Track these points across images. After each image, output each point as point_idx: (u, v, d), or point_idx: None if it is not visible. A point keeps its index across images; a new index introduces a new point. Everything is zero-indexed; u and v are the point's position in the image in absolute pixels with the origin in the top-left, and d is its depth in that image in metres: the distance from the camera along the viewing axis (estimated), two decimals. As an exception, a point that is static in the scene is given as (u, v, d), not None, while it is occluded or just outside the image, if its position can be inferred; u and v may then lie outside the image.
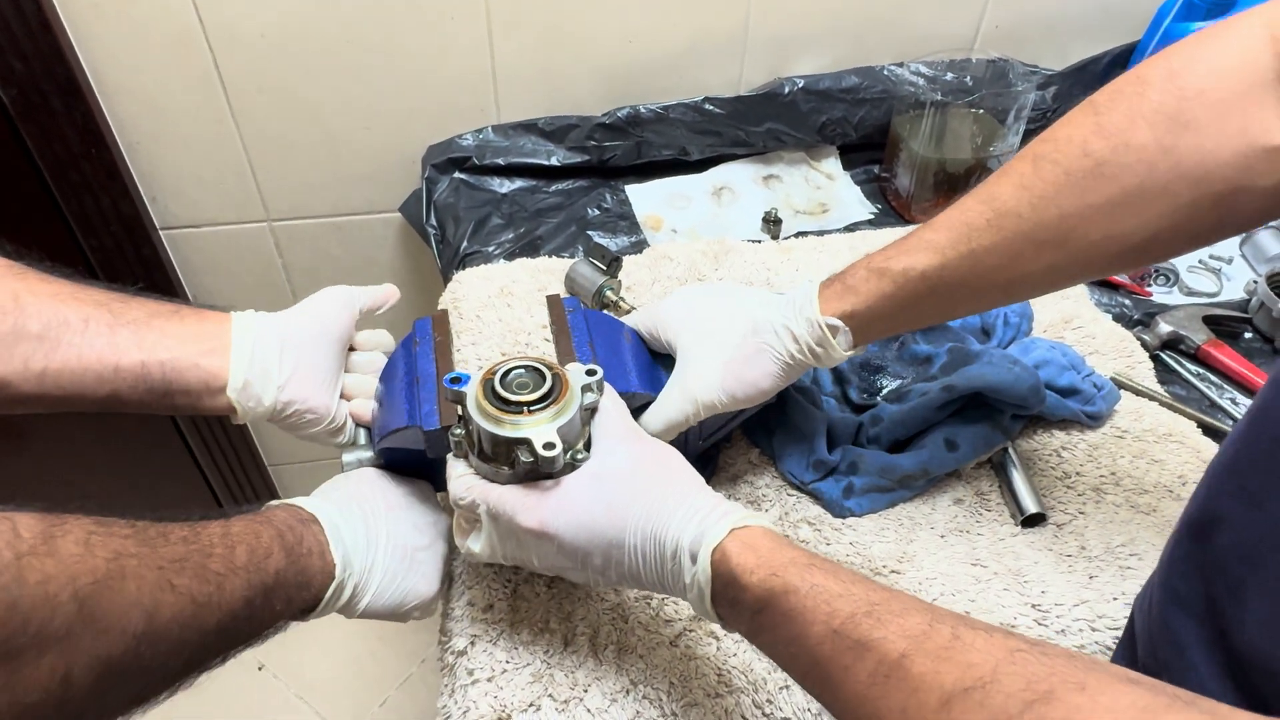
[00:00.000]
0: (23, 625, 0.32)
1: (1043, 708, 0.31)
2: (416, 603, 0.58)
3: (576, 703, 0.57)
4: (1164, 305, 0.89)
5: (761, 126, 1.01)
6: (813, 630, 0.39)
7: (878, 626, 0.38)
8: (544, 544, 0.49)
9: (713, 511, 0.46)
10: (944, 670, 0.34)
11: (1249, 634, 0.38)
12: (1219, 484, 0.43)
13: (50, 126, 0.92)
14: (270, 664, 1.68)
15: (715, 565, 0.44)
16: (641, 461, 0.50)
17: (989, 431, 0.69)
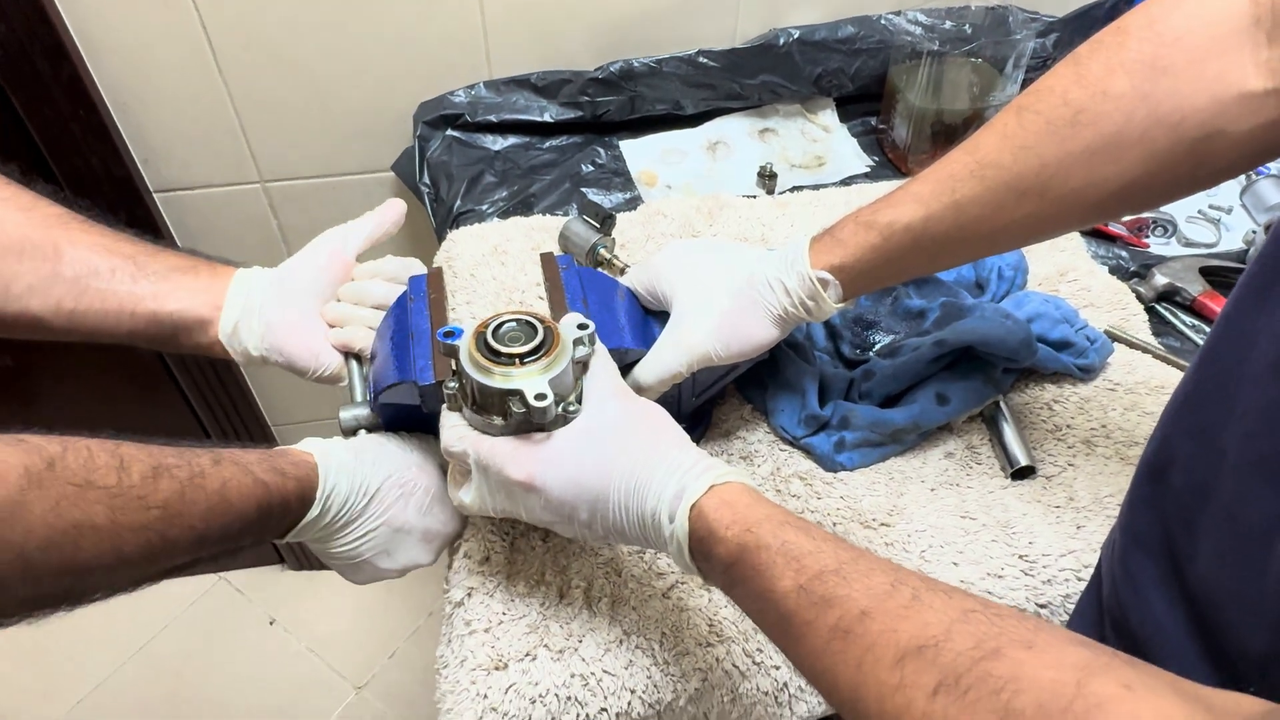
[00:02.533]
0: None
1: (989, 663, 0.32)
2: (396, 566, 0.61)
3: (571, 652, 0.58)
4: (1161, 257, 0.88)
5: (756, 79, 1.00)
6: (780, 585, 0.40)
7: (842, 584, 0.39)
8: (531, 497, 0.50)
9: (693, 468, 0.47)
10: (901, 628, 0.35)
11: (1200, 568, 0.39)
12: (1173, 424, 0.44)
13: (37, 89, 0.91)
14: (281, 618, 1.72)
15: (693, 521, 0.45)
16: (628, 419, 0.50)
17: (980, 385, 0.70)
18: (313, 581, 1.77)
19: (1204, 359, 0.43)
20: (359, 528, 0.58)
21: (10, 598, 0.38)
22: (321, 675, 1.63)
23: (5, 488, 0.36)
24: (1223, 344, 0.41)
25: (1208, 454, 0.40)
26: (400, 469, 0.60)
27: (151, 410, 1.36)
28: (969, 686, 0.32)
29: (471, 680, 0.57)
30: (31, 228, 0.58)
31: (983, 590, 0.61)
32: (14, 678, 1.61)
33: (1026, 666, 0.31)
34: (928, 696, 0.33)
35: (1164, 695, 0.29)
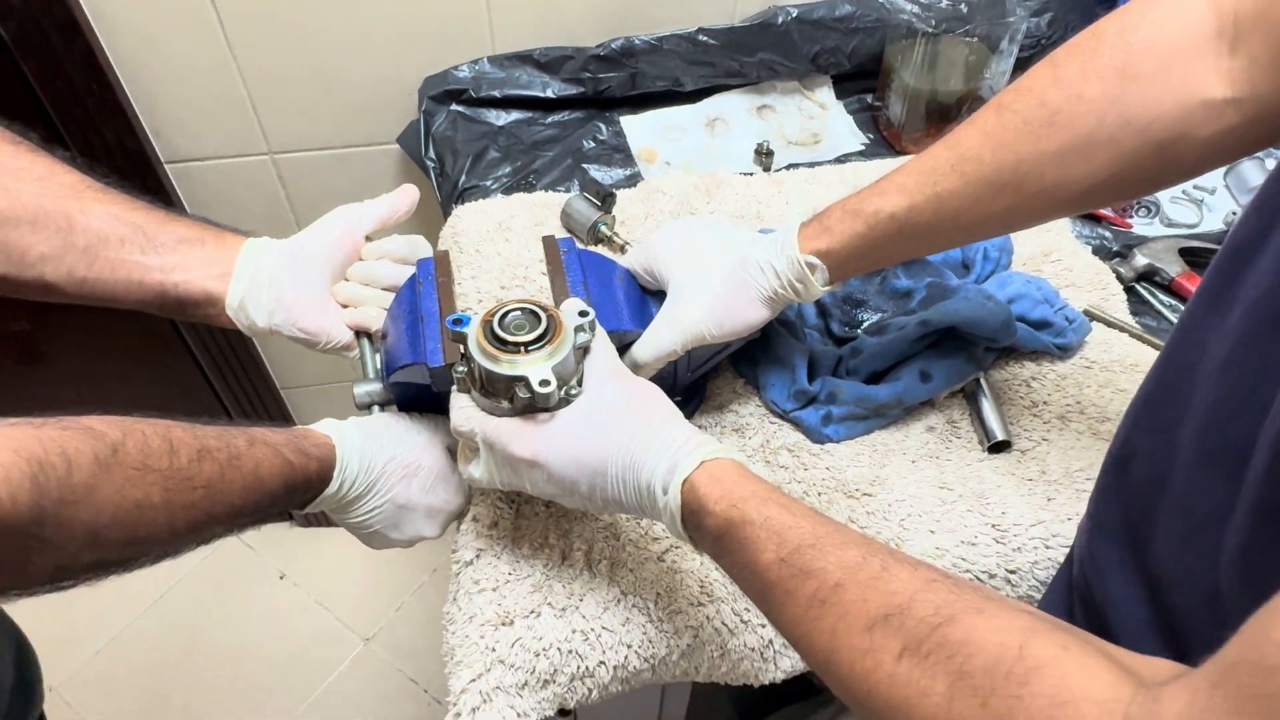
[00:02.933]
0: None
1: (946, 629, 0.36)
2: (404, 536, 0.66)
3: (573, 610, 0.62)
4: (1143, 237, 0.91)
5: (755, 57, 1.01)
6: (763, 558, 0.44)
7: (819, 557, 0.42)
8: (536, 472, 0.53)
9: (685, 444, 0.51)
10: (870, 598, 0.39)
11: (1158, 553, 0.43)
12: (1134, 421, 0.47)
13: (51, 63, 0.93)
14: (291, 573, 1.78)
15: (684, 494, 0.49)
16: (625, 398, 0.54)
17: (962, 363, 0.73)
18: (320, 538, 1.83)
19: (1164, 360, 0.46)
20: (367, 503, 0.62)
21: (78, 564, 0.42)
22: (330, 627, 1.70)
23: (80, 473, 0.40)
24: (1180, 346, 0.45)
25: (1164, 448, 0.43)
26: (405, 451, 0.64)
27: (163, 373, 1.39)
28: (929, 651, 0.36)
29: (480, 635, 0.61)
30: (46, 197, 0.60)
31: (956, 557, 0.66)
32: (36, 629, 1.66)
33: (978, 632, 0.35)
34: (894, 659, 0.37)
35: (1093, 657, 0.32)
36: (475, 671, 0.60)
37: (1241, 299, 0.39)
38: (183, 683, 1.62)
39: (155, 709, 1.59)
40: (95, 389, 1.42)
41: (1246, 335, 0.38)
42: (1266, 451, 0.34)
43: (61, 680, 1.61)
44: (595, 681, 0.62)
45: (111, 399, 1.44)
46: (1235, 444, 0.37)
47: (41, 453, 0.39)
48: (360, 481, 0.61)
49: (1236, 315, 0.39)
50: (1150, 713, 0.28)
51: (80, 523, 0.40)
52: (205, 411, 1.48)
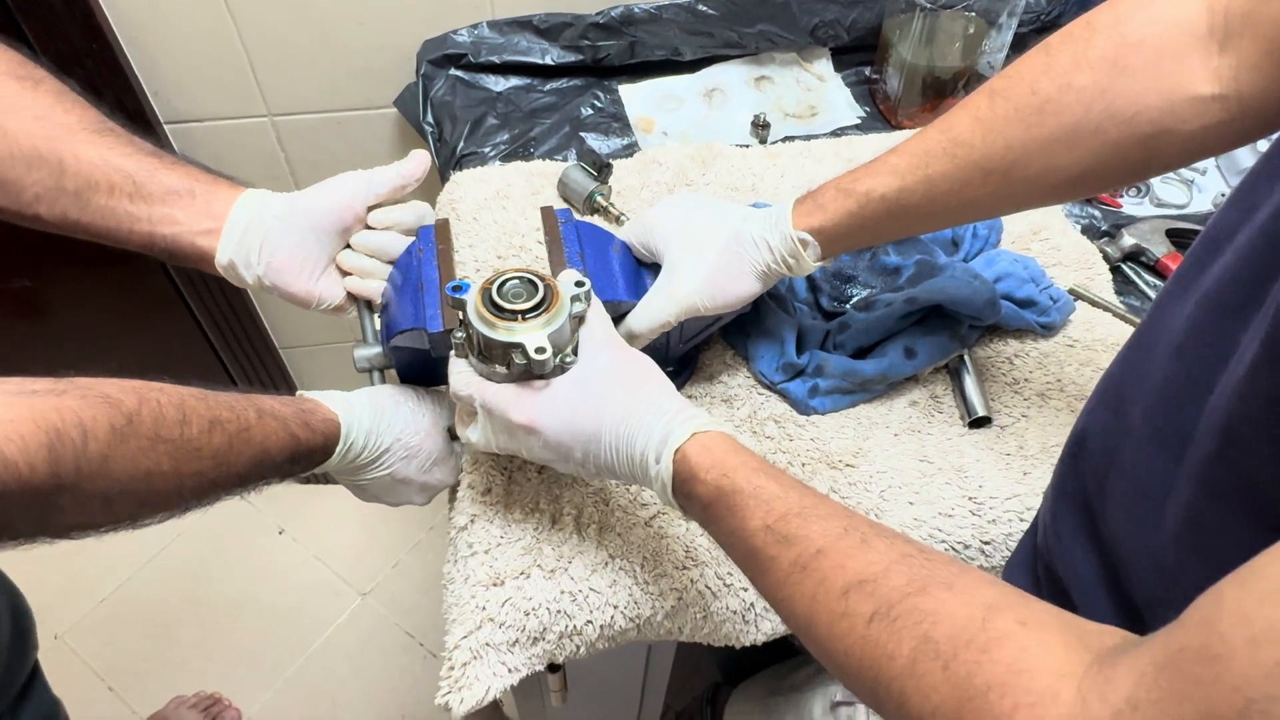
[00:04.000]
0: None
1: (917, 598, 0.38)
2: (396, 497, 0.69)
3: (562, 572, 0.65)
4: (1133, 217, 0.93)
5: (754, 28, 1.01)
6: (750, 524, 0.47)
7: (804, 525, 0.44)
8: (532, 438, 0.55)
9: (678, 415, 0.52)
10: (849, 566, 0.42)
11: (1111, 521, 0.45)
12: (1097, 397, 0.49)
13: (51, 23, 0.93)
14: (290, 528, 1.81)
15: (676, 464, 0.51)
16: (620, 368, 0.56)
17: (947, 340, 0.75)
18: (319, 494, 1.86)
19: (1132, 342, 0.48)
20: (368, 474, 0.65)
21: (91, 523, 0.45)
22: (328, 582, 1.73)
23: (97, 443, 0.42)
24: (1147, 327, 0.47)
25: (1119, 424, 0.46)
26: (409, 433, 0.66)
27: (163, 331, 1.41)
28: (898, 616, 0.38)
29: (472, 595, 0.64)
30: (41, 138, 0.59)
31: (933, 528, 0.68)
32: (41, 578, 1.71)
33: (945, 604, 0.38)
34: (865, 623, 0.39)
35: (1051, 630, 0.35)
36: (467, 629, 0.62)
37: (1202, 286, 0.41)
38: (183, 634, 1.66)
39: (157, 658, 1.63)
40: (96, 346, 1.44)
41: (1199, 322, 0.40)
42: (1210, 436, 0.36)
43: (66, 628, 1.66)
44: (583, 639, 0.65)
45: (111, 357, 1.45)
46: (1180, 426, 0.39)
47: (60, 423, 0.40)
48: (364, 458, 0.63)
49: (1194, 302, 0.41)
50: (1101, 692, 0.30)
51: (94, 490, 0.42)
52: (203, 369, 1.49)
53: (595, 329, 0.58)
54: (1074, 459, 0.50)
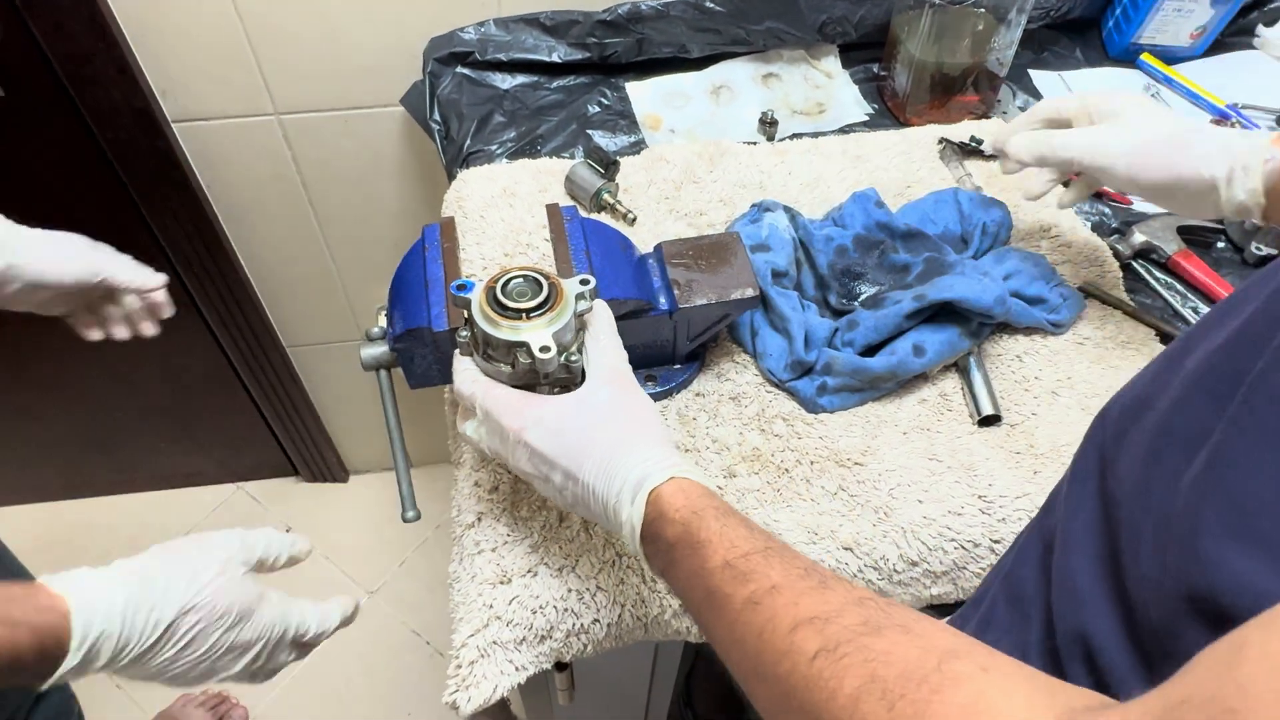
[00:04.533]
0: None
1: (869, 638, 0.36)
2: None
3: (569, 570, 0.65)
4: (1144, 214, 0.92)
5: (761, 25, 1.01)
6: (712, 561, 0.45)
7: (764, 563, 0.43)
8: (519, 447, 0.54)
9: (661, 461, 0.51)
10: (801, 603, 0.40)
11: (1120, 488, 0.43)
12: (1121, 390, 0.48)
13: (59, 22, 0.93)
14: (297, 526, 1.82)
15: (649, 504, 0.49)
16: (619, 405, 0.55)
17: (956, 338, 0.75)
18: (326, 493, 1.87)
19: (1170, 347, 0.45)
20: (156, 659, 0.52)
21: None
22: (336, 580, 1.74)
23: None
24: (1182, 340, 0.44)
25: (1128, 426, 0.44)
26: (194, 594, 0.54)
27: (169, 325, 1.41)
28: (845, 654, 0.36)
29: (479, 593, 0.64)
30: None
31: (943, 526, 0.68)
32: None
33: (899, 645, 0.35)
34: (809, 660, 0.37)
35: (1015, 679, 0.32)
36: (474, 627, 0.62)
37: (1228, 328, 0.39)
38: (192, 631, 1.66)
39: (166, 655, 1.64)
40: (109, 345, 1.44)
41: (1198, 380, 0.38)
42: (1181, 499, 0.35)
43: (75, 626, 1.66)
44: (590, 638, 0.64)
45: (118, 353, 1.46)
46: (1170, 465, 0.37)
47: None
48: (139, 643, 0.50)
49: (1198, 357, 0.39)
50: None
51: None
52: (210, 366, 1.50)
53: (608, 357, 0.57)
54: (1092, 433, 0.48)
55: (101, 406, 1.59)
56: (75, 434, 1.65)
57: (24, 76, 0.99)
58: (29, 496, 1.80)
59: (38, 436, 1.64)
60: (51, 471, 1.75)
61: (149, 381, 1.54)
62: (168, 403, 1.60)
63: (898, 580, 0.67)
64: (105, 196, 1.16)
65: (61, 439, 1.66)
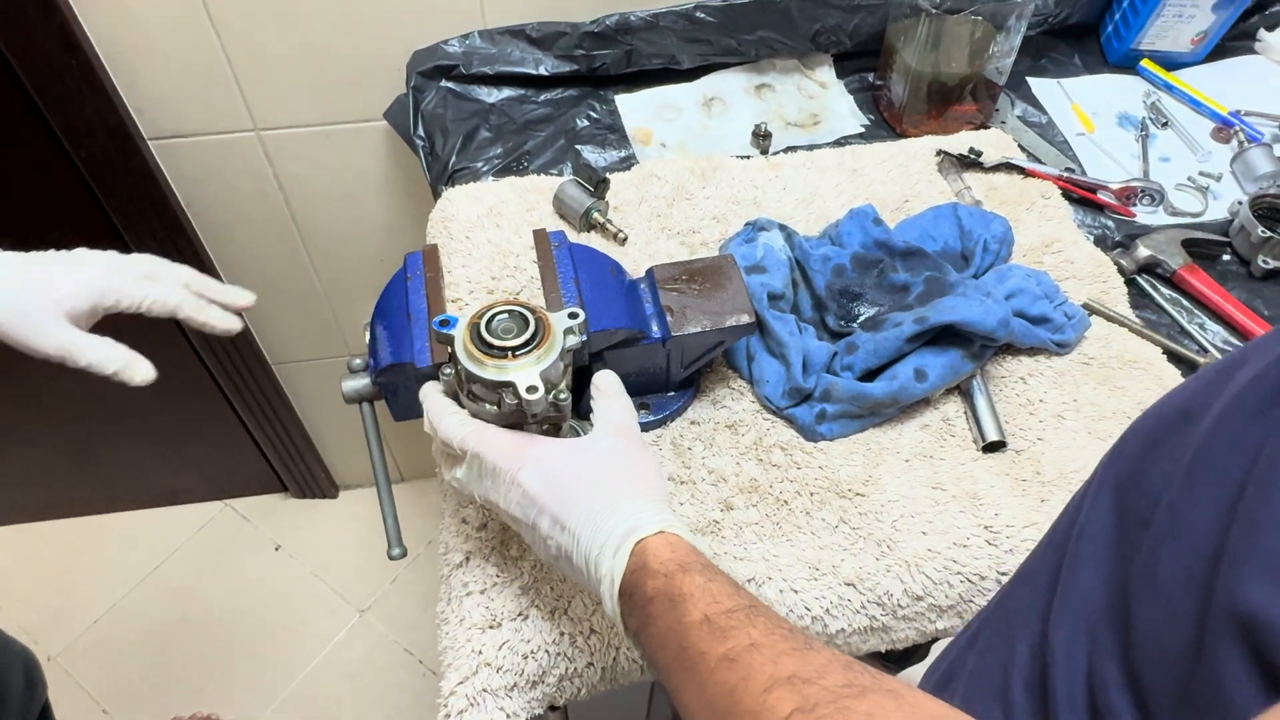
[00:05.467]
0: None
1: (852, 700, 0.34)
2: None
3: (561, 612, 0.62)
4: (1147, 226, 0.90)
5: (754, 35, 0.98)
6: (691, 616, 0.42)
7: (745, 623, 0.40)
8: (513, 489, 0.52)
9: (653, 516, 0.49)
10: (781, 662, 0.37)
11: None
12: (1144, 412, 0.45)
13: (27, 37, 0.90)
14: (286, 544, 1.79)
15: (634, 554, 0.47)
16: (621, 457, 0.52)
17: (958, 361, 0.72)
18: (315, 509, 1.84)
19: (1219, 364, 0.42)
20: None
21: None
22: (326, 599, 1.71)
23: None
24: (1235, 355, 0.41)
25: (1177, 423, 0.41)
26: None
27: (154, 349, 1.37)
28: (823, 715, 0.33)
29: (467, 638, 0.61)
30: None
31: (948, 559, 0.65)
32: (36, 598, 1.69)
33: (885, 709, 0.33)
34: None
35: None
36: (462, 674, 0.60)
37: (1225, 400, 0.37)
38: (179, 653, 1.64)
39: (152, 679, 1.61)
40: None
41: (1243, 396, 0.36)
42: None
43: (59, 650, 1.63)
44: (584, 681, 0.62)
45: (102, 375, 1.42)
46: (1206, 486, 0.35)
47: None
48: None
49: (1251, 370, 0.37)
50: None
51: None
52: (194, 382, 1.47)
53: (615, 411, 0.55)
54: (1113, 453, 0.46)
55: (86, 425, 1.55)
56: (60, 453, 1.62)
57: (-6, 95, 0.96)
58: (13, 517, 1.77)
59: (21, 456, 1.60)
60: (36, 491, 1.71)
61: (134, 399, 1.51)
62: (153, 421, 1.57)
63: (902, 615, 0.65)
64: (82, 216, 1.12)
65: (46, 458, 1.62)
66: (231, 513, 1.83)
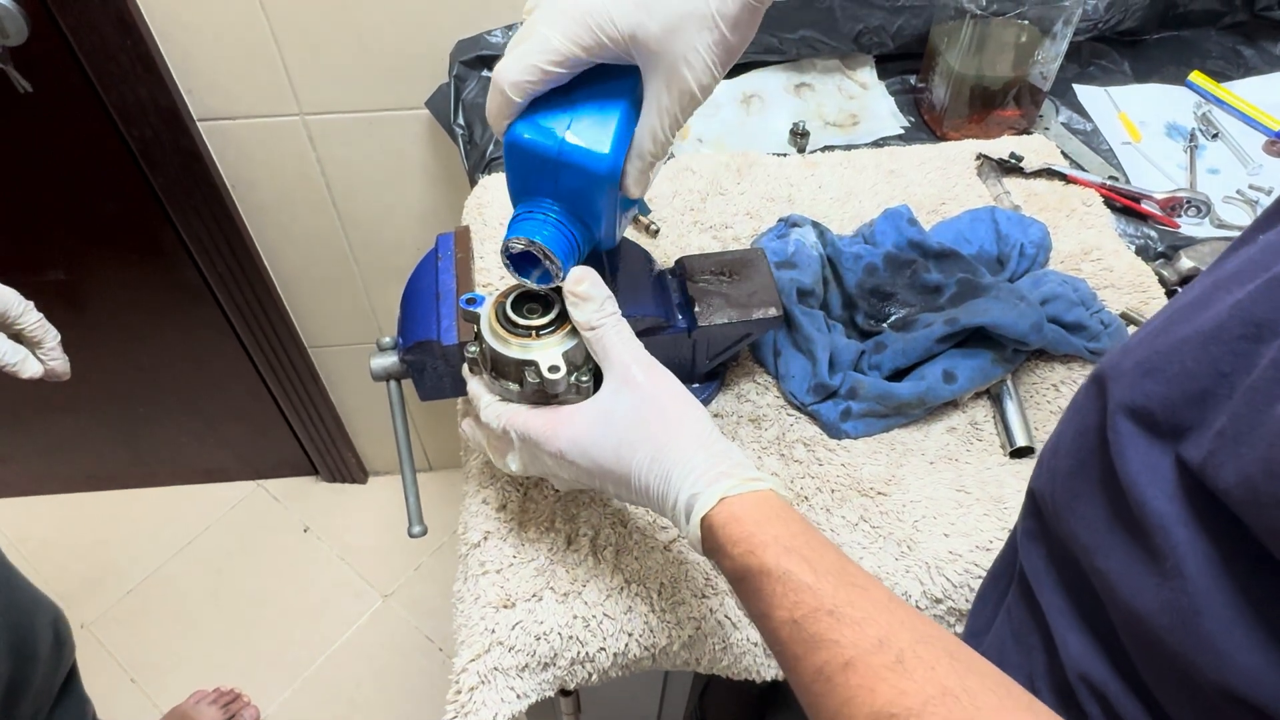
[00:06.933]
0: None
1: None
2: None
3: (575, 596, 0.62)
4: (1191, 238, 0.88)
5: (795, 33, 0.98)
6: (776, 614, 0.42)
7: (834, 628, 0.39)
8: (565, 467, 0.52)
9: (705, 474, 0.47)
10: (879, 690, 0.36)
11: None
12: None
13: (86, 17, 0.93)
14: (315, 527, 1.81)
15: (703, 530, 0.46)
16: (642, 409, 0.50)
17: (989, 365, 0.71)
18: (344, 494, 1.86)
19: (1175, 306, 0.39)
20: None
21: None
22: (351, 582, 1.73)
23: None
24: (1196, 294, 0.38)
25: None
26: None
27: (193, 323, 1.41)
28: None
29: (481, 616, 0.61)
30: None
31: (970, 562, 0.64)
32: (71, 568, 1.73)
33: None
34: None
35: None
36: (475, 652, 0.60)
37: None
38: (207, 628, 1.67)
39: (180, 651, 1.64)
40: (128, 338, 1.45)
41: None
42: None
43: (93, 618, 1.67)
44: (595, 666, 0.62)
45: (143, 349, 1.46)
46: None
47: None
48: None
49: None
50: None
51: None
52: (233, 364, 1.50)
53: (623, 352, 0.52)
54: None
55: (126, 400, 1.60)
56: (102, 426, 1.66)
57: (51, 72, 1.00)
58: (53, 487, 1.82)
59: (64, 427, 1.65)
60: (77, 462, 1.76)
61: (173, 376, 1.55)
62: (191, 398, 1.61)
63: (920, 618, 0.64)
64: (130, 193, 1.16)
65: (88, 430, 1.67)
66: (263, 493, 1.87)
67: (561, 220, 0.53)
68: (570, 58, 0.48)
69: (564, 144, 0.50)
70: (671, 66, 0.48)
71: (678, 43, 0.47)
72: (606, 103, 0.51)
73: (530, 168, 0.52)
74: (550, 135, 0.50)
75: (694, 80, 0.48)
